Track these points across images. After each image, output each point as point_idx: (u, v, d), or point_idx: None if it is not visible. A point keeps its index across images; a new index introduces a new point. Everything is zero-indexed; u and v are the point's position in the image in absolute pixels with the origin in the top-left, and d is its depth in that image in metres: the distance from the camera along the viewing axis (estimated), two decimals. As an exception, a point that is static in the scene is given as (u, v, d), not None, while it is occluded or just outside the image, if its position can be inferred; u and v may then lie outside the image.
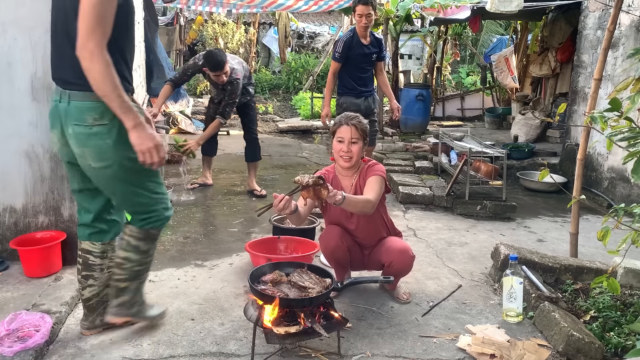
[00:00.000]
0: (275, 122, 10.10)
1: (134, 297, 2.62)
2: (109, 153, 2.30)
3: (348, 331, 2.75)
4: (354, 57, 4.92)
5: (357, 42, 4.91)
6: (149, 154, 2.29)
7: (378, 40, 5.07)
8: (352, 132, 2.97)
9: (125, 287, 2.58)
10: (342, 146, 2.99)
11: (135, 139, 2.26)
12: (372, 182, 2.98)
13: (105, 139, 2.28)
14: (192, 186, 5.52)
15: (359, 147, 3.00)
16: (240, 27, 13.54)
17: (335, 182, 3.10)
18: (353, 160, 3.00)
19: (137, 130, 2.25)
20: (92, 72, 2.15)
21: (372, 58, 5.02)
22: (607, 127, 2.23)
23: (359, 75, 5.01)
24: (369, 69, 5.06)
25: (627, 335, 2.67)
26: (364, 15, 4.78)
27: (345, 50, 4.89)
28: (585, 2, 6.18)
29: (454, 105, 11.02)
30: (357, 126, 2.98)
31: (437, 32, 10.52)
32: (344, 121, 3.00)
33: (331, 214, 3.11)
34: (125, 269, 2.54)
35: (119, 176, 2.37)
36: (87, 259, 2.57)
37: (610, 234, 2.31)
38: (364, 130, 3.01)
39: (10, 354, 2.33)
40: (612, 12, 3.49)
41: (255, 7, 7.76)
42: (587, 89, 5.92)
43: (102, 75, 2.15)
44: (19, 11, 3.07)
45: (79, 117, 2.28)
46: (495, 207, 4.95)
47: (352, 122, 2.98)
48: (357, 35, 4.90)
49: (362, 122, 3.03)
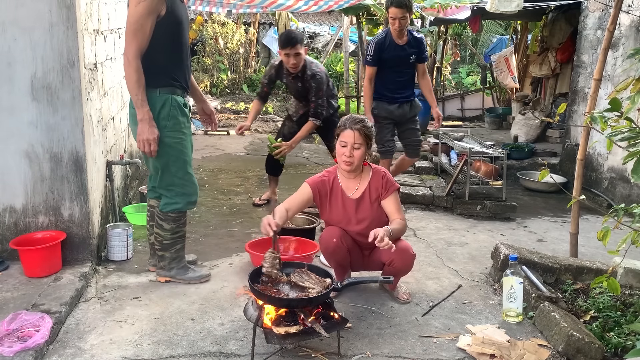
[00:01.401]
0: (275, 122, 10.09)
1: (171, 262, 3.24)
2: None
3: (348, 331, 2.75)
4: (388, 59, 4.53)
5: (391, 43, 4.52)
6: (143, 144, 2.93)
7: (417, 40, 4.62)
8: (355, 137, 2.93)
9: (162, 255, 3.23)
10: (344, 150, 2.97)
11: (139, 129, 2.92)
12: (394, 202, 3.03)
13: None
14: (260, 202, 5.07)
15: (362, 152, 2.96)
16: (240, 27, 13.52)
17: (336, 184, 3.09)
18: (354, 165, 2.99)
19: (142, 123, 2.91)
20: (125, 73, 2.90)
21: (411, 59, 4.60)
22: (607, 127, 2.23)
23: (394, 79, 4.60)
24: (407, 71, 4.65)
25: (627, 335, 2.67)
26: (397, 19, 4.38)
27: (377, 52, 4.51)
28: (585, 2, 6.18)
29: (454, 105, 11.02)
30: (361, 131, 2.93)
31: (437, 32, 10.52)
32: (348, 125, 2.96)
33: (332, 216, 3.10)
34: (159, 241, 3.21)
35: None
36: (154, 212, 3.25)
37: (610, 234, 2.31)
38: (368, 135, 2.97)
39: (10, 354, 2.33)
40: (612, 12, 3.49)
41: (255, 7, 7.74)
42: (587, 89, 5.92)
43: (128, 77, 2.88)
44: (19, 11, 3.07)
45: (131, 102, 2.99)
46: (495, 207, 4.95)
47: (355, 127, 2.94)
48: (390, 35, 4.50)
49: (366, 126, 2.98)
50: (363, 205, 3.05)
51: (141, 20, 2.78)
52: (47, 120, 3.18)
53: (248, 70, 14.27)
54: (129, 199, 4.85)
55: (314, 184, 3.07)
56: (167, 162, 3.05)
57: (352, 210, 3.05)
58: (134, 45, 2.81)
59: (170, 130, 3.02)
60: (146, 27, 2.81)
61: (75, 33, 3.13)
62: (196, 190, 3.23)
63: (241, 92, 13.36)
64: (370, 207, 3.04)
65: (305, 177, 3.15)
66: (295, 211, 3.04)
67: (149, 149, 2.93)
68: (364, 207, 3.05)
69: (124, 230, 3.57)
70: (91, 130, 3.44)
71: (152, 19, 2.82)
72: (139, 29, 2.79)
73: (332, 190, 3.08)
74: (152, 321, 2.82)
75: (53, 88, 3.17)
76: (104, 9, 3.96)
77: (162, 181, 3.11)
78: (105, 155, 3.90)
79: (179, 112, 3.04)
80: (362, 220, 3.04)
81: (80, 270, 3.24)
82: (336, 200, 3.07)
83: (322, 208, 3.12)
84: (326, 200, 3.08)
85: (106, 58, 4.02)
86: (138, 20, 2.78)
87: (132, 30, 2.80)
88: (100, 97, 3.79)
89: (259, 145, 8.01)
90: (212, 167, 6.55)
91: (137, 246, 3.79)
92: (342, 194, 3.07)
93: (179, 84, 3.05)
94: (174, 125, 3.03)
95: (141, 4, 2.77)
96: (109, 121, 4.08)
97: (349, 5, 7.35)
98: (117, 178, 4.32)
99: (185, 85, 3.12)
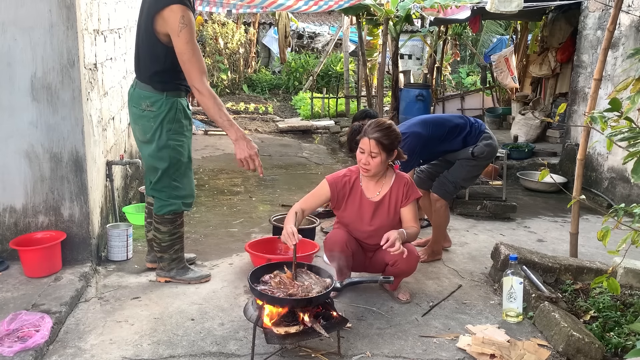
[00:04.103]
0: (275, 122, 10.09)
1: (170, 263, 3.25)
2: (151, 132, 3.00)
3: (348, 331, 2.75)
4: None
5: None
6: (247, 162, 2.91)
7: None
8: (372, 146, 2.91)
9: (161, 256, 3.24)
10: (362, 157, 2.97)
11: (237, 148, 2.90)
12: (412, 210, 3.04)
13: (150, 122, 2.99)
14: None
15: (379, 160, 2.93)
16: (240, 27, 13.53)
17: (357, 184, 3.09)
18: (371, 172, 2.98)
19: (238, 142, 2.90)
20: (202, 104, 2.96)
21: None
22: (607, 127, 2.23)
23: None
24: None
25: (627, 335, 2.67)
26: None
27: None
28: (585, 2, 6.18)
29: (454, 105, 10.99)
30: (378, 140, 2.90)
31: (437, 32, 10.51)
32: (368, 132, 2.93)
33: (346, 214, 3.10)
34: (157, 243, 3.22)
35: (154, 154, 3.03)
36: (151, 209, 3.26)
37: (610, 234, 2.31)
38: (387, 145, 2.92)
39: (10, 354, 2.33)
40: (612, 12, 3.49)
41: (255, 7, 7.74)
42: (587, 89, 5.92)
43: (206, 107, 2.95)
44: (19, 11, 3.07)
45: (133, 101, 3.03)
46: (495, 207, 4.95)
47: (373, 136, 2.90)
48: None
49: (387, 135, 2.91)
50: (381, 209, 3.05)
51: (190, 46, 2.80)
52: (47, 120, 3.19)
53: (248, 70, 14.28)
54: (129, 199, 4.85)
55: (333, 183, 3.06)
56: (168, 165, 3.07)
57: (368, 212, 3.05)
58: (196, 73, 2.82)
59: (174, 134, 3.04)
60: (197, 50, 2.84)
61: (75, 33, 3.14)
62: (192, 192, 3.24)
63: (241, 92, 13.37)
64: (387, 212, 3.05)
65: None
66: (312, 211, 3.04)
67: (254, 165, 2.91)
68: (382, 211, 3.05)
69: (124, 230, 3.58)
70: (91, 130, 3.44)
71: (195, 40, 2.85)
72: (192, 55, 2.81)
73: (352, 190, 3.08)
74: (152, 321, 2.82)
75: (53, 88, 3.17)
76: (104, 9, 3.96)
77: (157, 183, 3.12)
78: (105, 155, 3.90)
79: (182, 115, 3.07)
80: (376, 222, 3.05)
81: (80, 270, 3.24)
82: (354, 200, 3.08)
83: (338, 205, 3.11)
84: (343, 199, 3.09)
85: (106, 58, 4.02)
86: (187, 48, 2.80)
87: (187, 60, 2.81)
88: (100, 97, 3.79)
89: (259, 145, 7.93)
90: (212, 167, 6.54)
91: (137, 246, 3.79)
92: (362, 195, 3.07)
93: (183, 87, 3.08)
94: (178, 128, 3.06)
95: (183, 31, 2.79)
96: (109, 121, 4.08)
97: (349, 5, 7.36)
98: (117, 178, 4.32)
99: (188, 87, 3.10)
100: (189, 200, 3.22)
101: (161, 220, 3.17)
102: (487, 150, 3.70)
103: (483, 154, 3.69)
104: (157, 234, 3.20)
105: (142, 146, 3.13)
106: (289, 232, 2.75)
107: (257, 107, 11.38)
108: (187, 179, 3.18)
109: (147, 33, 2.93)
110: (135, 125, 3.09)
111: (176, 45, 2.82)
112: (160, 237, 3.20)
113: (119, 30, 4.52)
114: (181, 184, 3.14)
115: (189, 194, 3.21)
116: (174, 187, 3.13)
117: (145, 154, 3.10)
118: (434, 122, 3.76)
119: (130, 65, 5.13)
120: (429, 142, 3.68)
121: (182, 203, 3.18)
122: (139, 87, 3.02)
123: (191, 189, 3.23)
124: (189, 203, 3.24)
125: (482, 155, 3.70)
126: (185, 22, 2.78)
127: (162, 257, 3.25)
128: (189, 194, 3.21)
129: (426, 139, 3.66)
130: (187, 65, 2.83)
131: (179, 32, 2.79)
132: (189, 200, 3.22)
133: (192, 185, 3.25)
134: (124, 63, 4.79)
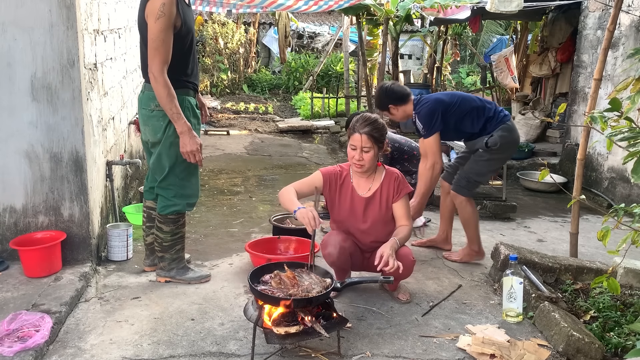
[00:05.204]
0: (275, 122, 10.09)
1: (171, 263, 3.26)
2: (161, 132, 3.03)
3: (348, 331, 2.75)
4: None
5: None
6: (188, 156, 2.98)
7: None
8: (364, 141, 2.92)
9: (162, 256, 3.25)
10: (354, 153, 2.97)
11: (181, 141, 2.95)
12: (404, 206, 3.05)
13: (159, 121, 3.01)
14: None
15: (372, 154, 2.95)
16: (240, 27, 13.53)
17: (347, 180, 3.09)
18: (365, 168, 2.99)
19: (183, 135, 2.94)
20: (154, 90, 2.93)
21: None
22: (607, 127, 2.23)
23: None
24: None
25: (627, 335, 2.67)
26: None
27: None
28: (585, 2, 6.18)
29: (454, 105, 10.97)
30: (369, 134, 2.92)
31: (437, 32, 10.51)
32: (357, 128, 2.95)
33: (340, 212, 3.10)
34: (158, 243, 3.23)
35: (163, 151, 3.04)
36: (150, 213, 3.30)
37: (610, 234, 2.31)
38: (377, 138, 2.95)
39: (10, 354, 2.33)
40: (612, 12, 3.49)
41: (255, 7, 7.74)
42: (587, 89, 5.92)
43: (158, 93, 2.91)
44: (19, 11, 3.07)
45: (143, 102, 3.07)
46: (495, 207, 4.95)
47: (363, 131, 2.92)
48: None
49: (376, 128, 2.94)
50: (372, 205, 3.05)
51: (162, 35, 2.83)
52: (47, 120, 3.19)
53: (248, 70, 14.29)
54: (129, 199, 4.85)
55: (326, 174, 3.07)
56: (174, 163, 3.07)
57: (360, 209, 3.06)
58: (158, 61, 2.85)
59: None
60: (167, 42, 2.86)
61: (75, 33, 3.14)
62: (197, 192, 3.25)
63: (241, 92, 13.37)
64: (379, 208, 3.05)
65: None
66: (303, 196, 3.02)
67: (194, 159, 3.00)
68: (373, 206, 3.05)
69: (124, 230, 3.58)
70: (91, 130, 3.44)
71: (171, 32, 2.87)
72: (161, 44, 2.84)
73: (343, 185, 3.09)
74: (152, 321, 2.82)
75: (53, 88, 3.17)
76: (104, 9, 3.96)
77: (163, 181, 3.11)
78: (105, 155, 3.90)
79: (191, 113, 3.07)
80: (368, 219, 3.05)
81: (80, 270, 3.24)
82: (345, 197, 3.08)
83: (332, 203, 3.12)
84: (335, 195, 3.09)
85: (106, 58, 4.02)
86: (159, 35, 2.82)
87: (154, 47, 2.84)
88: (100, 97, 3.79)
89: (259, 145, 8.02)
90: (212, 167, 6.55)
91: (137, 246, 3.78)
92: (353, 191, 3.08)
93: (191, 85, 3.11)
94: None
95: (160, 19, 2.81)
96: (109, 121, 4.08)
97: (349, 5, 7.36)
98: (117, 178, 4.32)
99: (196, 86, 3.17)
100: (193, 200, 3.22)
101: (164, 220, 3.17)
102: (500, 143, 3.59)
103: (496, 145, 3.60)
104: (159, 233, 3.20)
105: (151, 148, 3.13)
106: (309, 216, 2.69)
107: (257, 107, 11.38)
108: (194, 178, 3.18)
109: (143, 31, 2.92)
110: (145, 127, 3.10)
111: (150, 31, 2.84)
112: (162, 237, 3.20)
113: (119, 30, 4.51)
114: (188, 183, 3.15)
115: (194, 193, 3.21)
116: (181, 186, 3.12)
117: (154, 155, 3.09)
118: (462, 96, 3.75)
119: (130, 65, 5.13)
120: (451, 111, 3.62)
121: (187, 203, 3.18)
122: (147, 89, 3.03)
123: (197, 188, 3.23)
124: (193, 203, 3.24)
125: (495, 147, 3.60)
126: (164, 10, 2.80)
127: (163, 257, 3.25)
128: (194, 193, 3.22)
129: (448, 106, 3.61)
130: (153, 52, 2.85)
131: (156, 18, 2.81)
132: (193, 200, 3.23)
133: (198, 185, 3.25)
134: (124, 63, 4.79)
